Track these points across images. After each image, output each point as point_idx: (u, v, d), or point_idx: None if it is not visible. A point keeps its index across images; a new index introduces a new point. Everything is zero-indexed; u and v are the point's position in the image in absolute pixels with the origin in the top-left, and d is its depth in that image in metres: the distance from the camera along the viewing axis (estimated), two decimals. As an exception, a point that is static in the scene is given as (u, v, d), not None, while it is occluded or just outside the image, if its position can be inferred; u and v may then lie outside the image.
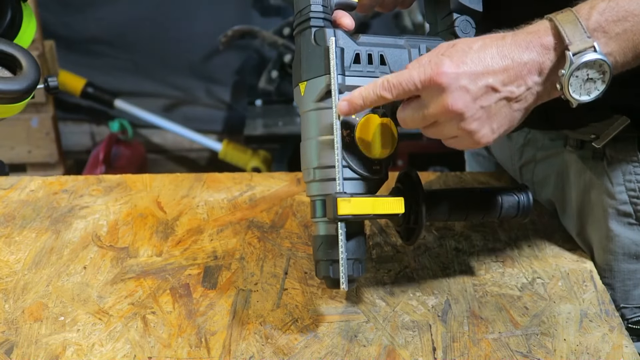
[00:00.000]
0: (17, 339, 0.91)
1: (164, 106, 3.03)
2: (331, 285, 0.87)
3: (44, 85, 0.94)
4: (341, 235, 0.82)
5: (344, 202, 0.81)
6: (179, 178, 1.23)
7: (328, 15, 0.88)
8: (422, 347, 0.89)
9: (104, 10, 2.84)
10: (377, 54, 0.87)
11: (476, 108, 0.77)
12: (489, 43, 0.78)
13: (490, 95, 0.77)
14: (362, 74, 0.86)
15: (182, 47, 2.91)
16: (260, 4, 2.82)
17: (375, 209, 0.83)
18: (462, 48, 0.78)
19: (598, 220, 1.01)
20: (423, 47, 0.89)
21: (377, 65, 0.87)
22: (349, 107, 0.81)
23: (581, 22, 0.77)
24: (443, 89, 0.76)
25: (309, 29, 0.87)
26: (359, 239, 0.86)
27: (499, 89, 0.78)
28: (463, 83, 0.77)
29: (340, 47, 0.86)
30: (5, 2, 0.91)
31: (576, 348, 0.89)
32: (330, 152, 0.84)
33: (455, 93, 0.76)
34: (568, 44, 0.76)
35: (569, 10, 0.78)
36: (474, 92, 0.77)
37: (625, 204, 0.98)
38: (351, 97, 0.81)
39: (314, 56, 0.86)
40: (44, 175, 1.27)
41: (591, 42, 0.76)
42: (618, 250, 1.00)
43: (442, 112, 0.78)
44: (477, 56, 0.77)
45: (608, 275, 1.02)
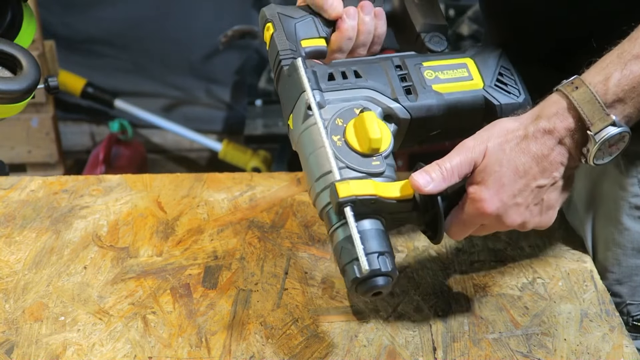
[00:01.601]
0: (17, 339, 0.91)
1: (164, 106, 3.03)
2: (364, 290, 0.79)
3: (44, 85, 0.94)
4: (350, 219, 0.78)
5: (342, 184, 0.80)
6: (179, 178, 1.23)
7: (297, 55, 0.91)
8: (422, 347, 0.89)
9: (104, 10, 2.84)
10: (350, 69, 0.89)
11: (527, 210, 0.83)
12: (514, 154, 0.81)
13: (534, 192, 0.82)
14: (340, 87, 0.88)
15: (182, 47, 2.91)
16: (260, 4, 2.82)
17: (379, 191, 0.81)
18: (493, 170, 0.81)
19: (608, 213, 1.01)
20: (396, 60, 0.92)
21: (352, 80, 0.88)
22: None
23: (599, 100, 0.78)
24: (499, 216, 0.81)
25: (282, 68, 0.90)
26: (378, 232, 0.81)
27: (538, 185, 0.82)
28: (514, 202, 0.81)
29: (313, 69, 0.88)
30: (6, 2, 0.91)
31: (576, 348, 0.89)
32: (326, 159, 0.83)
33: (510, 212, 0.82)
34: (589, 125, 0.79)
35: (583, 85, 0.79)
36: (522, 202, 0.82)
37: (637, 196, 0.98)
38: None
39: (289, 86, 0.89)
40: (44, 175, 1.27)
41: (610, 118, 0.78)
42: (627, 244, 1.00)
43: (499, 228, 0.84)
44: (510, 173, 0.80)
45: (616, 270, 1.02)
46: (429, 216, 0.84)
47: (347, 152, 0.84)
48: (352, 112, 0.86)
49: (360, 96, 0.88)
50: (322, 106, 0.86)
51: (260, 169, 2.75)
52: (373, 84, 0.89)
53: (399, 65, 0.91)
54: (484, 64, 0.93)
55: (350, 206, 0.79)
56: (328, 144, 0.83)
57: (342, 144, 0.84)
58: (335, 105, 0.86)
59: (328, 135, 0.84)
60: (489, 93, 0.91)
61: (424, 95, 0.89)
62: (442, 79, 0.91)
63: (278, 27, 0.93)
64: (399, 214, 0.84)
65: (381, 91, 0.88)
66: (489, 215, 0.81)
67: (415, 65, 0.91)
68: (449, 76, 0.91)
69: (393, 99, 0.88)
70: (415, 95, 0.89)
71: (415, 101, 0.88)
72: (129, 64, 2.95)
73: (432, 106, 0.89)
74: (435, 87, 0.90)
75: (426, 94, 0.89)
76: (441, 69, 0.92)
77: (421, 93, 0.89)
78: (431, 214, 0.83)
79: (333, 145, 0.83)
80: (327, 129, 0.84)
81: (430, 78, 0.91)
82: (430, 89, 0.89)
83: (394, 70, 0.90)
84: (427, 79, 0.91)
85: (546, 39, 1.00)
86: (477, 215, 0.82)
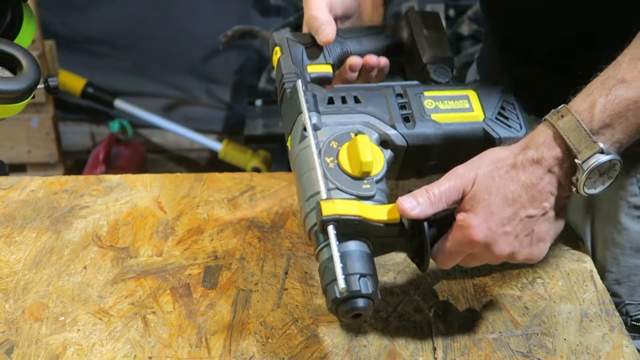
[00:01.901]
0: (17, 339, 0.91)
1: (164, 106, 3.03)
2: (344, 310, 0.78)
3: (44, 85, 0.94)
4: (332, 237, 0.79)
5: (326, 203, 0.80)
6: (179, 178, 1.23)
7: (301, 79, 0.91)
8: (422, 347, 0.89)
9: (104, 10, 2.84)
10: (350, 95, 0.90)
11: (516, 240, 0.81)
12: (503, 182, 0.80)
13: (524, 222, 0.81)
14: (338, 111, 0.89)
15: (182, 47, 2.91)
16: (260, 4, 2.82)
17: (365, 212, 0.81)
18: (482, 197, 0.80)
19: (607, 212, 1.01)
20: (398, 88, 0.92)
21: (352, 104, 0.89)
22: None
23: (585, 128, 0.78)
24: (488, 244, 0.80)
25: (285, 91, 0.91)
26: (362, 254, 0.81)
27: (527, 215, 0.81)
28: (503, 230, 0.80)
29: (313, 92, 0.89)
30: (6, 2, 0.91)
31: (576, 348, 0.89)
32: (316, 179, 0.83)
33: (498, 241, 0.80)
34: (576, 154, 0.78)
35: (569, 114, 0.79)
36: (511, 231, 0.80)
37: (635, 196, 0.98)
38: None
39: (290, 108, 0.90)
40: (44, 175, 1.27)
41: (598, 146, 0.77)
42: (626, 244, 1.00)
43: (488, 258, 0.83)
44: (499, 201, 0.80)
45: (615, 269, 1.02)
46: (416, 243, 0.84)
47: (338, 174, 0.84)
48: (347, 135, 0.87)
49: (358, 121, 0.88)
50: (318, 128, 0.87)
51: (260, 169, 2.75)
52: (372, 109, 0.89)
53: (400, 93, 0.92)
54: (486, 96, 0.93)
55: (334, 225, 0.79)
56: (318, 165, 0.83)
57: (334, 165, 0.84)
58: (331, 128, 0.87)
59: (321, 156, 0.85)
60: (489, 126, 0.91)
61: (422, 124, 0.89)
62: (442, 109, 0.91)
63: (285, 52, 0.95)
64: (385, 238, 0.84)
65: (379, 117, 0.89)
66: (477, 243, 0.80)
67: (416, 94, 0.92)
68: (449, 107, 0.91)
69: (390, 126, 0.88)
70: (413, 123, 0.89)
71: (412, 129, 0.88)
72: (129, 64, 2.95)
73: (430, 135, 0.89)
74: (434, 116, 0.90)
75: (424, 122, 0.89)
76: (442, 99, 0.92)
77: (419, 121, 0.89)
78: (418, 241, 0.83)
79: (325, 167, 0.84)
80: (321, 150, 0.85)
81: (430, 107, 0.91)
82: (428, 118, 0.90)
83: (394, 98, 0.91)
84: (427, 108, 0.91)
85: (546, 39, 1.00)
86: (465, 243, 0.81)
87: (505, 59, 1.09)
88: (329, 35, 0.93)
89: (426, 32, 0.98)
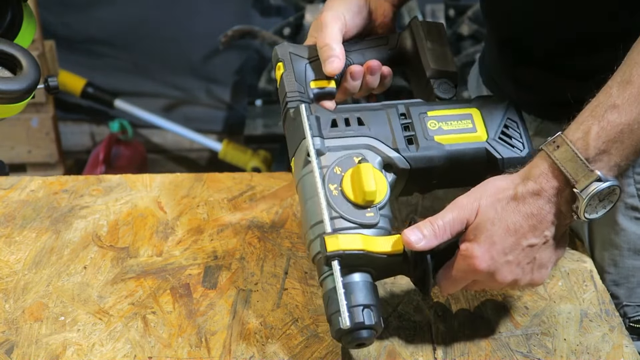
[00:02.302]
0: (17, 339, 0.91)
1: (164, 106, 3.03)
2: (348, 340, 0.81)
3: (44, 85, 0.94)
4: (337, 273, 0.80)
5: (330, 238, 0.81)
6: (179, 178, 1.23)
7: (304, 97, 0.92)
8: (422, 347, 0.89)
9: (104, 10, 2.84)
10: (354, 117, 0.91)
11: (518, 267, 0.82)
12: (505, 213, 0.81)
13: (526, 251, 0.82)
14: (342, 135, 0.89)
15: (182, 47, 2.91)
16: (260, 4, 2.82)
17: (368, 245, 0.82)
18: (485, 228, 0.81)
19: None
20: (401, 107, 0.92)
21: (355, 127, 0.89)
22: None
23: (580, 157, 0.78)
24: (491, 273, 0.82)
25: (288, 111, 0.91)
26: (365, 284, 0.83)
27: (529, 244, 0.81)
28: (505, 259, 0.81)
29: (317, 115, 0.89)
30: (5, 2, 0.91)
31: (576, 348, 0.89)
32: (319, 208, 0.84)
33: (501, 270, 0.82)
34: (574, 183, 0.78)
35: (564, 144, 0.79)
36: (513, 260, 0.82)
37: (633, 197, 0.98)
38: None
39: (293, 129, 0.90)
40: (44, 175, 1.27)
41: (595, 174, 0.78)
42: (624, 245, 1.00)
43: (491, 285, 0.85)
44: (501, 232, 0.81)
45: (612, 271, 1.02)
46: (419, 271, 0.85)
47: (342, 202, 0.85)
48: (351, 160, 0.87)
49: (361, 144, 0.89)
50: (322, 153, 0.87)
51: (260, 169, 2.75)
52: (375, 132, 0.90)
53: (404, 113, 0.92)
54: (489, 115, 0.93)
55: (338, 260, 0.81)
56: (322, 194, 0.84)
57: (338, 193, 0.85)
58: (335, 153, 0.88)
59: (325, 184, 0.85)
60: (491, 146, 0.91)
61: (425, 146, 0.89)
62: (445, 130, 0.91)
63: (288, 68, 0.95)
64: (389, 266, 0.85)
65: (383, 140, 0.89)
66: (480, 272, 0.81)
67: (420, 115, 0.92)
68: (452, 127, 0.91)
69: (394, 149, 0.89)
70: (417, 145, 0.89)
71: (416, 152, 0.89)
72: (129, 64, 2.95)
73: (433, 157, 0.89)
74: (437, 138, 0.90)
75: (428, 145, 0.89)
76: (445, 120, 0.92)
77: (422, 144, 0.89)
78: (421, 270, 0.84)
79: (329, 194, 0.85)
80: (325, 177, 0.86)
81: (433, 129, 0.91)
82: (432, 140, 0.90)
83: (397, 119, 0.91)
84: (430, 129, 0.91)
85: (545, 40, 1.00)
86: (469, 272, 0.82)
87: (505, 59, 1.09)
88: (336, 69, 0.93)
89: (430, 45, 0.98)
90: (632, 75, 0.78)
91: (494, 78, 1.15)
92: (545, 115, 1.05)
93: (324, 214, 0.83)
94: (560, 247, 0.84)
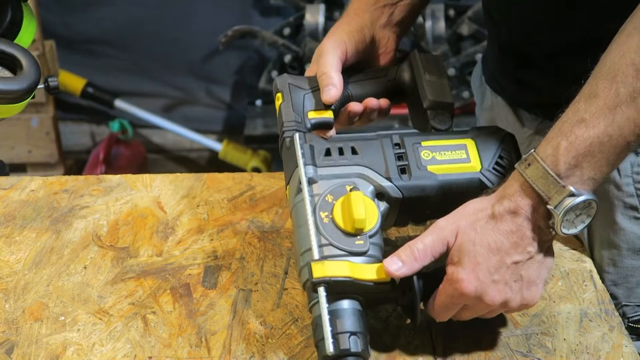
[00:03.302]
0: (17, 339, 0.91)
1: (164, 106, 3.03)
2: None
3: (44, 85, 0.94)
4: (322, 299, 0.81)
5: (317, 265, 0.82)
6: (179, 178, 1.23)
7: (301, 127, 0.93)
8: (422, 347, 0.89)
9: (104, 10, 2.84)
10: (348, 146, 0.91)
11: (506, 287, 0.82)
12: (485, 232, 0.81)
13: (511, 268, 0.81)
14: (335, 163, 0.89)
15: (182, 47, 2.90)
16: (260, 4, 2.82)
17: (355, 273, 0.82)
18: (467, 249, 0.81)
19: (604, 213, 1.01)
20: (396, 137, 0.92)
21: (349, 156, 0.90)
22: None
23: (551, 174, 0.78)
24: (479, 296, 0.81)
25: (284, 140, 0.92)
26: (353, 311, 0.83)
27: (513, 261, 0.81)
28: (491, 279, 0.81)
29: (311, 144, 0.90)
30: (6, 2, 0.91)
31: (576, 347, 0.89)
32: (309, 236, 0.85)
33: (489, 291, 0.81)
34: (547, 200, 0.78)
35: (535, 162, 0.79)
36: (500, 279, 0.81)
37: (631, 196, 0.98)
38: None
39: (288, 158, 0.91)
40: (44, 175, 1.27)
41: (567, 189, 0.78)
42: (623, 244, 1.00)
43: (482, 309, 0.84)
44: (483, 251, 0.80)
45: (611, 270, 1.02)
46: (407, 299, 0.85)
47: (332, 230, 0.85)
48: (343, 189, 0.87)
49: (354, 173, 0.89)
50: (314, 181, 0.88)
51: (260, 169, 2.75)
52: (368, 161, 0.90)
53: (398, 143, 0.92)
54: (484, 145, 0.92)
55: (324, 286, 0.81)
56: (312, 222, 0.85)
57: (328, 220, 0.86)
58: (328, 181, 0.88)
59: (316, 211, 0.86)
60: (485, 176, 0.90)
61: (418, 176, 0.89)
62: (438, 159, 0.91)
63: (286, 98, 0.96)
64: (377, 294, 0.85)
65: (375, 169, 0.89)
66: (468, 295, 0.81)
67: (414, 145, 0.92)
68: (446, 157, 0.91)
69: (386, 178, 0.89)
70: (409, 174, 0.89)
71: (408, 181, 0.89)
72: (129, 64, 2.95)
73: (426, 187, 0.89)
74: (430, 168, 0.90)
75: (420, 174, 0.89)
76: (439, 150, 0.92)
77: (415, 173, 0.89)
78: (409, 297, 0.85)
79: (320, 221, 0.85)
80: (316, 205, 0.86)
81: (426, 158, 0.91)
82: (425, 170, 0.90)
83: (391, 149, 0.91)
84: (424, 159, 0.91)
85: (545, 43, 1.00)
86: (457, 296, 0.82)
87: (506, 62, 1.09)
88: (333, 98, 0.94)
89: (428, 77, 0.98)
90: (598, 88, 0.78)
91: (496, 77, 1.15)
92: (546, 115, 1.05)
93: (312, 242, 0.84)
94: (547, 262, 0.84)
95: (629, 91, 0.76)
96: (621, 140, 0.77)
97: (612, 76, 0.77)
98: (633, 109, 0.76)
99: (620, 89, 0.76)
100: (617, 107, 0.76)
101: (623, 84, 0.76)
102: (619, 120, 0.76)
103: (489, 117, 1.19)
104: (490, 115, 1.18)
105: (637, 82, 0.76)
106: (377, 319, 0.93)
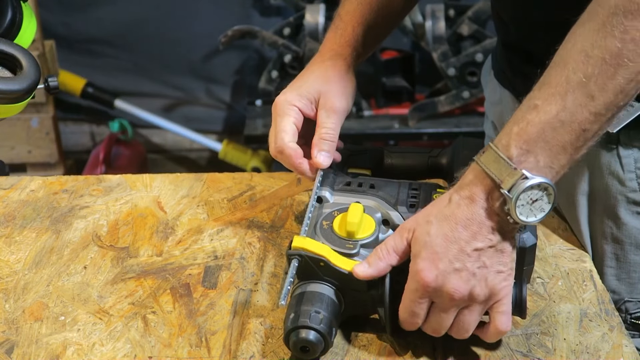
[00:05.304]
0: (17, 339, 0.91)
1: (164, 106, 3.03)
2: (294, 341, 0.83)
3: (44, 85, 0.94)
4: (292, 270, 0.85)
5: (299, 238, 0.87)
6: (179, 178, 1.23)
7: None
8: (422, 347, 0.89)
9: (104, 10, 2.84)
10: (368, 182, 0.98)
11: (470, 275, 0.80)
12: (440, 222, 0.81)
13: (473, 256, 0.81)
14: (351, 192, 0.96)
15: (182, 47, 2.91)
16: (260, 4, 2.82)
17: (332, 257, 0.86)
18: (423, 240, 0.81)
19: (607, 208, 1.01)
20: (415, 184, 0.98)
21: (366, 189, 0.97)
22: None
23: (503, 157, 0.78)
24: (440, 286, 0.80)
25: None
26: (324, 296, 0.85)
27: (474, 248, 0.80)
28: (453, 268, 0.80)
29: (334, 173, 0.99)
30: (6, 2, 0.91)
31: (576, 347, 0.89)
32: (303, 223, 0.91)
33: (451, 279, 0.80)
34: (499, 183, 0.78)
35: (489, 149, 0.80)
36: (462, 267, 0.80)
37: (634, 191, 0.98)
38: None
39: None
40: (44, 175, 1.27)
41: (519, 172, 0.77)
42: (626, 240, 1.00)
43: (449, 303, 0.82)
44: (440, 241, 0.80)
45: (614, 265, 1.02)
46: (379, 297, 0.86)
47: (328, 234, 0.91)
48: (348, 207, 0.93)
49: (366, 202, 0.94)
50: (326, 200, 0.96)
51: (260, 169, 2.75)
52: (382, 194, 0.96)
53: (416, 187, 0.97)
54: None
55: (297, 259, 0.85)
56: (309, 220, 0.92)
57: (327, 227, 0.91)
58: (339, 204, 0.95)
59: (318, 221, 0.92)
60: None
61: None
62: None
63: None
64: (357, 293, 0.87)
65: (386, 200, 0.95)
66: (429, 284, 0.80)
67: (430, 190, 0.96)
68: None
69: (394, 208, 0.94)
70: (417, 210, 0.92)
71: (414, 213, 0.90)
72: (129, 64, 2.95)
73: None
74: None
75: None
76: None
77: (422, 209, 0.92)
78: (381, 294, 0.85)
79: (319, 227, 0.91)
80: (321, 216, 0.93)
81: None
82: None
83: (407, 189, 0.97)
84: (433, 199, 0.92)
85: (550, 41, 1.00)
86: (419, 289, 0.81)
87: (513, 57, 1.10)
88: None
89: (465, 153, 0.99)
90: (551, 76, 0.78)
91: (504, 71, 1.16)
92: None
93: (303, 226, 0.88)
94: (513, 255, 0.83)
95: (579, 77, 0.76)
96: (575, 127, 0.77)
97: (563, 64, 0.78)
98: (584, 95, 0.76)
99: (571, 75, 0.77)
100: (568, 93, 0.77)
101: (573, 70, 0.77)
102: (570, 106, 0.77)
103: (498, 112, 1.20)
104: (499, 110, 1.19)
105: (587, 67, 0.76)
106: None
